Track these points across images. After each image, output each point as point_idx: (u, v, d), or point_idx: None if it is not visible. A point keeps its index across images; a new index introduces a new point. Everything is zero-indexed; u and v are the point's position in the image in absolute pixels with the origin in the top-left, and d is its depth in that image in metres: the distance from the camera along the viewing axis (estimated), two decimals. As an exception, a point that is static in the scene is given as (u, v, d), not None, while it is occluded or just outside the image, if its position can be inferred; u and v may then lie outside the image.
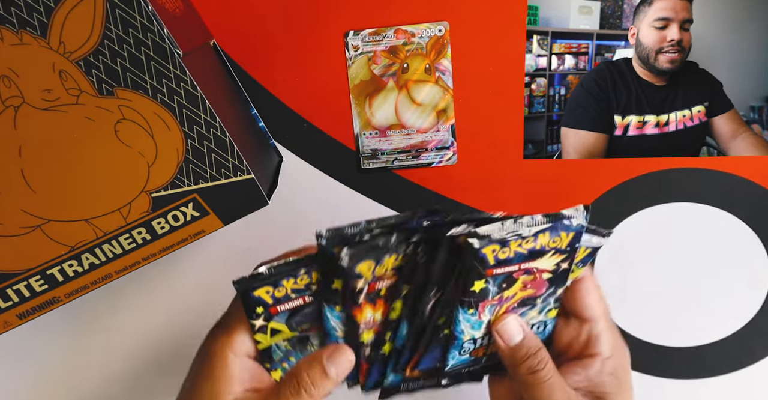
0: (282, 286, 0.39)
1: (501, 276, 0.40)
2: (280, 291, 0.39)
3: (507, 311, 0.43)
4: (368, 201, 0.56)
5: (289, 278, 0.39)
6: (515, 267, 0.40)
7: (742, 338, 0.59)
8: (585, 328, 0.43)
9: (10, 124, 0.39)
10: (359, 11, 0.51)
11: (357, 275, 0.38)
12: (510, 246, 0.39)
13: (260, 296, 0.39)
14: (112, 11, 0.37)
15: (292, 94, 0.53)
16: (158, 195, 0.42)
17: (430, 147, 0.55)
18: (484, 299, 0.41)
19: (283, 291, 0.39)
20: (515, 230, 0.39)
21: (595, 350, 0.43)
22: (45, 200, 0.41)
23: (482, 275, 0.39)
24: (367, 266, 0.38)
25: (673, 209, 0.56)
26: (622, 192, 0.56)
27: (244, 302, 0.39)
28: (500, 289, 0.41)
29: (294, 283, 0.39)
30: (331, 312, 0.40)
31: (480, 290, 0.40)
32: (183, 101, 0.40)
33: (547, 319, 0.45)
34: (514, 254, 0.40)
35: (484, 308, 0.41)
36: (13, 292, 0.43)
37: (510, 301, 0.42)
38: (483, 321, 0.42)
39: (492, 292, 0.41)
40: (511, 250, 0.40)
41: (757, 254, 0.57)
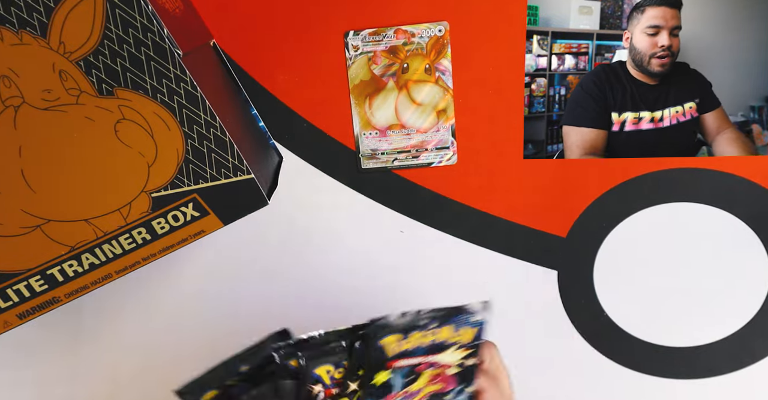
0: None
1: (404, 368, 0.40)
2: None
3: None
4: (368, 201, 0.56)
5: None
6: (418, 360, 0.40)
7: (742, 338, 0.59)
8: None
9: (10, 124, 0.39)
10: (359, 11, 0.51)
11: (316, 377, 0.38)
12: (411, 338, 0.40)
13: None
14: (112, 11, 0.37)
15: (292, 94, 0.53)
16: (158, 195, 0.42)
17: (430, 147, 0.55)
18: (387, 393, 0.40)
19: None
20: (415, 321, 0.39)
21: None
22: (45, 200, 0.41)
23: (382, 366, 0.39)
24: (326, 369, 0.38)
25: (673, 209, 0.57)
26: (622, 192, 0.56)
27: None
28: (405, 383, 0.40)
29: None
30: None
31: (381, 384, 0.39)
32: (183, 101, 0.40)
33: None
34: (416, 347, 0.40)
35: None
36: (13, 292, 0.43)
37: (417, 396, 0.42)
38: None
39: (396, 386, 0.40)
40: (413, 342, 0.40)
41: (757, 254, 0.57)
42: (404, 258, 0.57)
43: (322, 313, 0.59)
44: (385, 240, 0.57)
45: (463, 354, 0.41)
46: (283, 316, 0.58)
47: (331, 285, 0.58)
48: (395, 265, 0.57)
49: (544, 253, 0.57)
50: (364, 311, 0.58)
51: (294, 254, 0.57)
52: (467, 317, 0.40)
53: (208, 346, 0.59)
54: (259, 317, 0.58)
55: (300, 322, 0.59)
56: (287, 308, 0.58)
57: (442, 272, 0.58)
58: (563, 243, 0.57)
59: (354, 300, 0.58)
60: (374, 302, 0.58)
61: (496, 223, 0.56)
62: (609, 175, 0.55)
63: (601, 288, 0.59)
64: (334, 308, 0.59)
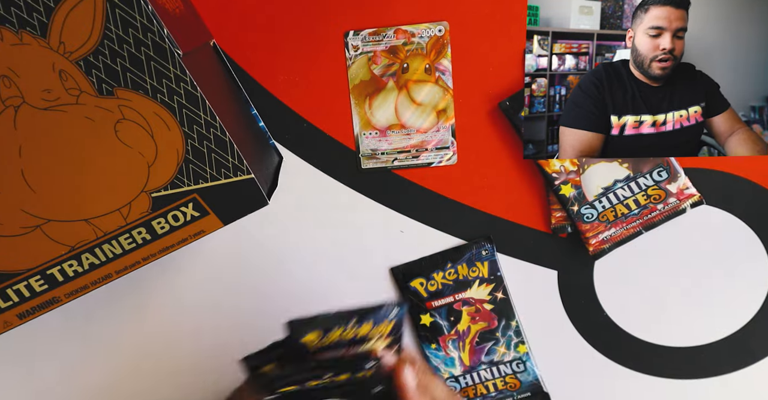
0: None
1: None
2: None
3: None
4: (368, 201, 0.56)
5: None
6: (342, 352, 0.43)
7: (742, 338, 0.59)
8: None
9: (10, 124, 0.39)
10: (359, 11, 0.51)
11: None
12: (331, 335, 0.42)
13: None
14: (112, 11, 0.37)
15: (292, 94, 0.53)
16: (158, 195, 0.42)
17: (430, 147, 0.55)
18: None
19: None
20: (336, 319, 0.42)
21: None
22: (45, 199, 0.41)
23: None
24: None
25: (673, 209, 0.57)
26: (622, 192, 0.56)
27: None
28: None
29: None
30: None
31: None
32: (183, 101, 0.40)
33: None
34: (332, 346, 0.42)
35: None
36: (13, 292, 0.43)
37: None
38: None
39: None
40: (331, 339, 0.42)
41: (757, 254, 0.57)
42: (404, 258, 0.57)
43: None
44: (385, 240, 0.57)
45: (385, 343, 0.42)
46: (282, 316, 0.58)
47: (331, 285, 0.58)
48: (395, 265, 0.57)
49: (544, 253, 0.57)
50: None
51: (294, 254, 0.57)
52: (385, 313, 0.42)
53: (208, 346, 0.59)
54: (258, 317, 0.58)
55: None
56: (287, 308, 0.58)
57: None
58: (563, 243, 0.57)
59: (354, 300, 0.58)
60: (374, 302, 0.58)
61: (496, 223, 0.56)
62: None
63: (601, 288, 0.59)
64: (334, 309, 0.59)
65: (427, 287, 0.46)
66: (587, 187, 0.53)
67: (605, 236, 0.54)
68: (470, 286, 0.47)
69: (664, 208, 0.53)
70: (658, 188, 0.53)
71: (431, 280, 0.48)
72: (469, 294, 0.46)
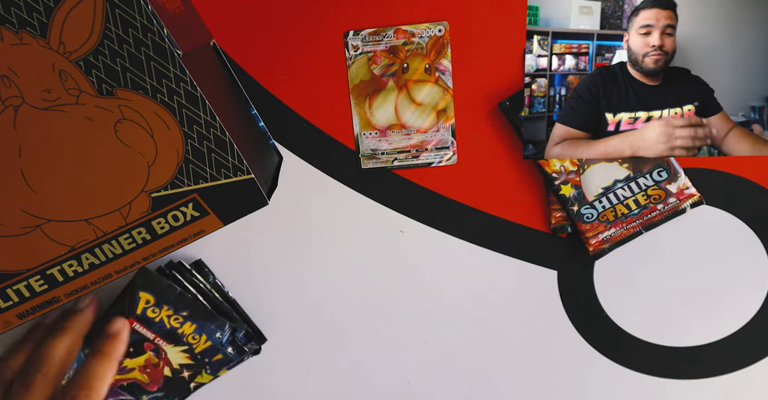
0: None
1: (137, 336, 0.43)
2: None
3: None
4: (368, 201, 0.56)
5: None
6: (150, 335, 0.43)
7: (742, 338, 0.59)
8: None
9: (10, 124, 0.39)
10: (359, 11, 0.51)
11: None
12: (160, 312, 0.43)
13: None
14: (112, 11, 0.37)
15: (292, 94, 0.53)
16: (158, 195, 0.42)
17: (430, 147, 0.55)
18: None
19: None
20: (176, 297, 0.43)
21: None
22: (45, 199, 0.41)
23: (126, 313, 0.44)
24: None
25: (673, 209, 0.57)
26: (622, 192, 0.56)
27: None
28: (126, 353, 0.44)
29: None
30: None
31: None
32: (183, 101, 0.40)
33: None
34: (155, 323, 0.43)
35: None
36: (13, 292, 0.43)
37: (126, 374, 0.44)
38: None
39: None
40: (159, 315, 0.43)
41: (757, 254, 0.57)
42: (404, 258, 0.57)
43: (322, 313, 0.59)
44: (385, 240, 0.57)
45: (185, 361, 0.43)
46: (282, 315, 0.58)
47: (331, 285, 0.58)
48: (395, 265, 0.57)
49: (544, 253, 0.58)
50: (364, 312, 0.58)
51: (293, 254, 0.57)
52: (214, 329, 0.43)
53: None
54: (257, 317, 0.58)
55: (300, 321, 0.59)
56: (286, 308, 0.58)
57: (442, 272, 0.58)
58: (563, 243, 0.57)
59: (354, 301, 0.59)
60: (374, 303, 0.58)
61: (496, 223, 0.57)
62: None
63: (601, 288, 0.59)
64: (334, 309, 0.59)
65: (148, 310, 0.45)
66: (587, 188, 0.54)
67: (605, 236, 0.55)
68: (177, 344, 0.47)
69: (664, 208, 0.54)
70: (658, 188, 0.53)
71: (157, 308, 0.47)
72: (166, 349, 0.46)
